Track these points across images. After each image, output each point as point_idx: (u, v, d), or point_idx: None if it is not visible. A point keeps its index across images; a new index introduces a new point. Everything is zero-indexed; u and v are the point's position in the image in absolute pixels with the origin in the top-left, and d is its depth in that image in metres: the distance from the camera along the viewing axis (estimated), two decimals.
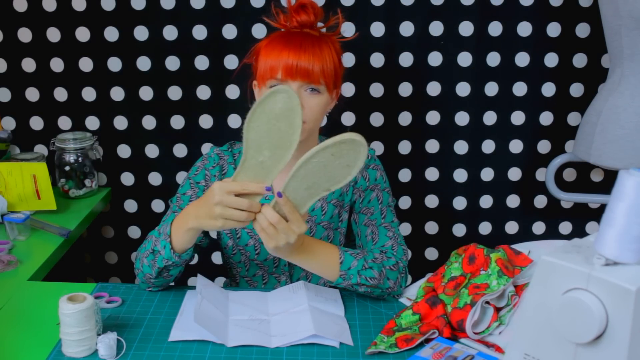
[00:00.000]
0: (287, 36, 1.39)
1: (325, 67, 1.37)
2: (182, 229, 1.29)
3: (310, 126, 1.40)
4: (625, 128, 1.80)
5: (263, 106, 1.18)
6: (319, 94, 1.39)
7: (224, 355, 1.20)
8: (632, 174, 0.88)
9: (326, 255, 1.34)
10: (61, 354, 1.18)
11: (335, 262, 1.34)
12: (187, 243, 1.31)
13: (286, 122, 1.19)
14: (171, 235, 1.31)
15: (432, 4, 1.95)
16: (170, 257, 1.31)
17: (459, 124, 2.06)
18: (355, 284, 1.34)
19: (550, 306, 0.92)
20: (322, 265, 1.34)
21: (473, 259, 1.33)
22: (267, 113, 1.18)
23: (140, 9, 1.96)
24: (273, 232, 1.22)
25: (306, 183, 1.20)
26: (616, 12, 1.75)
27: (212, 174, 1.49)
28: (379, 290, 1.37)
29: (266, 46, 1.39)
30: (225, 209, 1.20)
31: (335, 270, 1.34)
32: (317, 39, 1.39)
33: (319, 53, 1.37)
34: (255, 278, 1.55)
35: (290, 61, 1.35)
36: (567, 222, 2.17)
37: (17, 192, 1.80)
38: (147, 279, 1.38)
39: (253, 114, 1.19)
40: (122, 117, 2.05)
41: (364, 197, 1.49)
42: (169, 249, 1.31)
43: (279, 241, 1.23)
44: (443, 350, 1.18)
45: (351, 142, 1.16)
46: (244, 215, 1.21)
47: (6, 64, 2.01)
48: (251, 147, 1.21)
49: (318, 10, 1.43)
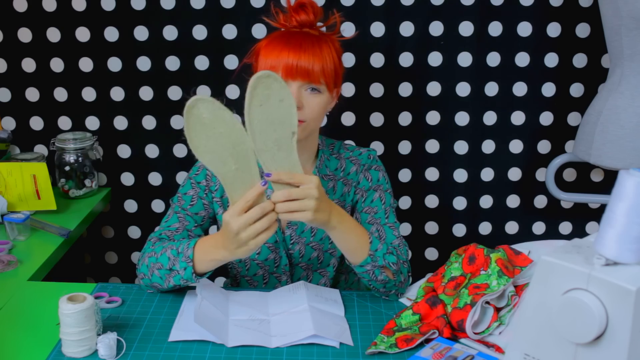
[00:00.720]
0: (287, 36, 1.39)
1: (325, 67, 1.37)
2: (209, 258, 1.28)
3: (310, 125, 1.40)
4: (626, 128, 1.80)
5: (195, 126, 1.16)
6: (320, 93, 1.38)
7: (224, 356, 1.20)
8: (632, 174, 0.88)
9: (359, 230, 1.34)
10: (61, 354, 1.18)
11: (366, 240, 1.34)
12: (210, 269, 1.30)
13: (221, 124, 1.17)
14: (194, 260, 1.29)
15: (432, 4, 1.95)
16: (190, 278, 1.30)
17: (459, 124, 2.06)
18: (381, 266, 1.34)
19: (550, 306, 0.92)
20: (357, 240, 1.33)
21: (473, 259, 1.33)
22: (202, 127, 1.16)
23: (141, 9, 1.95)
24: (296, 205, 1.20)
25: (269, 142, 1.18)
26: (616, 12, 1.75)
27: (212, 173, 1.49)
28: (393, 282, 1.37)
29: (266, 46, 1.39)
30: (247, 230, 1.18)
31: (366, 249, 1.34)
32: (317, 38, 1.39)
33: (319, 53, 1.37)
34: (256, 278, 1.55)
35: (291, 61, 1.34)
36: (567, 222, 2.17)
37: (17, 192, 1.80)
38: (155, 287, 1.38)
39: (192, 139, 1.16)
40: (122, 117, 2.05)
41: (366, 197, 1.49)
42: (190, 272, 1.29)
43: (308, 206, 1.20)
44: (443, 351, 1.18)
45: (261, 79, 1.16)
46: (265, 222, 1.19)
47: (6, 64, 2.01)
48: (216, 165, 1.19)
49: (317, 10, 1.43)
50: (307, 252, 1.51)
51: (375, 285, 1.37)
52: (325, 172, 1.51)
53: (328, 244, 1.52)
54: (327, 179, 1.51)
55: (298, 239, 1.51)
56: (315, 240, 1.51)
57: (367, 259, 1.33)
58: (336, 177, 1.52)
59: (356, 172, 1.51)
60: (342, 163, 1.52)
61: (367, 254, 1.33)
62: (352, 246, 1.34)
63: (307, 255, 1.52)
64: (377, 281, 1.35)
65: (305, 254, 1.52)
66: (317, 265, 1.53)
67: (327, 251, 1.53)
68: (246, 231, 1.18)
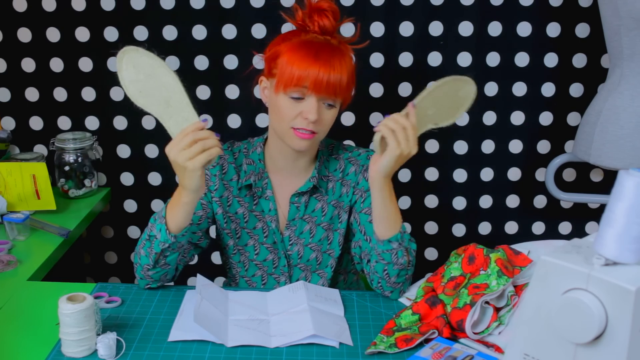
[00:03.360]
0: (314, 47, 1.37)
1: (349, 81, 1.39)
2: (174, 204, 1.32)
3: (320, 136, 1.43)
4: (625, 128, 1.80)
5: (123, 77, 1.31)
6: (334, 107, 1.40)
7: (224, 356, 1.20)
8: (632, 174, 0.88)
9: (396, 202, 1.37)
10: (61, 354, 1.18)
11: (400, 215, 1.37)
12: (182, 220, 1.33)
13: (148, 68, 1.30)
14: (166, 217, 1.33)
15: (432, 4, 1.95)
16: (166, 239, 1.33)
17: (458, 124, 2.06)
18: (405, 248, 1.36)
19: (549, 306, 0.92)
20: (394, 211, 1.35)
21: (473, 259, 1.33)
22: (138, 75, 1.30)
23: (140, 9, 1.95)
24: (403, 136, 1.27)
25: (432, 108, 1.33)
26: (615, 12, 1.75)
27: (212, 173, 1.49)
28: (405, 272, 1.38)
29: (291, 51, 1.36)
30: (182, 154, 1.24)
31: (399, 223, 1.36)
32: (340, 51, 1.38)
33: (345, 67, 1.37)
34: (255, 278, 1.55)
35: (321, 76, 1.34)
36: (566, 222, 2.17)
37: (17, 192, 1.80)
38: (145, 271, 1.38)
39: (127, 87, 1.30)
40: (122, 117, 2.05)
41: (365, 197, 1.48)
42: (164, 231, 1.32)
43: (403, 149, 1.27)
44: (443, 350, 1.18)
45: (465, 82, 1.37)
46: (198, 145, 1.24)
47: (6, 64, 2.01)
48: (153, 109, 1.30)
49: (337, 15, 1.42)
50: (306, 253, 1.52)
51: (391, 272, 1.36)
52: (325, 172, 1.51)
53: (326, 245, 1.52)
54: (326, 180, 1.51)
55: (297, 240, 1.51)
56: (314, 242, 1.51)
57: (397, 235, 1.34)
58: (335, 177, 1.52)
59: (355, 173, 1.51)
60: (341, 164, 1.52)
61: (398, 230, 1.35)
62: (391, 214, 1.35)
63: (305, 256, 1.52)
64: (396, 264, 1.35)
65: (304, 255, 1.52)
66: (316, 266, 1.53)
67: (325, 252, 1.53)
68: (182, 155, 1.24)
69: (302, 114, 1.37)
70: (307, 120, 1.37)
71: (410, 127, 1.28)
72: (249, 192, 1.51)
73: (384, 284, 1.39)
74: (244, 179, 1.49)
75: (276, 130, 1.44)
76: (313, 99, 1.36)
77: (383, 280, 1.38)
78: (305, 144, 1.40)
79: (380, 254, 1.36)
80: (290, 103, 1.37)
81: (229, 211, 1.51)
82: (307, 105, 1.36)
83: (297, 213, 1.50)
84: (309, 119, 1.36)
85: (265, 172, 1.50)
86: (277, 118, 1.41)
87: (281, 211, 1.51)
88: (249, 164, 1.51)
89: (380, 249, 1.35)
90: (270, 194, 1.50)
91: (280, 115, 1.39)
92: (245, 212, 1.51)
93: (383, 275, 1.37)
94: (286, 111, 1.38)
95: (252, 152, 1.52)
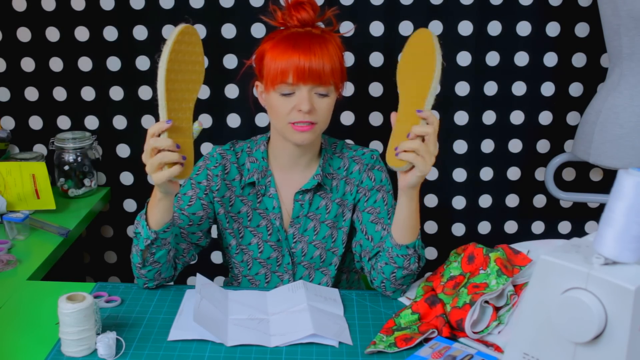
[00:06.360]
0: (293, 37, 1.38)
1: (334, 67, 1.38)
2: (152, 200, 1.33)
3: (321, 127, 1.42)
4: (625, 127, 1.80)
5: None
6: (328, 96, 1.40)
7: (223, 355, 1.20)
8: (631, 173, 0.88)
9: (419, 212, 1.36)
10: (60, 354, 1.19)
11: (419, 223, 1.37)
12: (160, 217, 1.33)
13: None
14: (147, 213, 1.34)
15: (431, 3, 1.95)
16: (148, 235, 1.33)
17: (458, 124, 2.06)
18: (418, 255, 1.36)
19: (549, 305, 0.92)
20: (417, 218, 1.35)
21: (472, 259, 1.33)
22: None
23: (140, 8, 1.95)
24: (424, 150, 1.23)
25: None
26: (615, 11, 1.75)
27: (214, 173, 1.49)
28: (411, 276, 1.39)
29: (273, 48, 1.38)
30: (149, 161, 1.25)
31: (418, 231, 1.36)
32: (322, 38, 1.39)
33: (327, 53, 1.37)
34: (258, 277, 1.55)
35: (302, 63, 1.34)
36: (566, 221, 2.17)
37: (17, 191, 1.80)
38: (138, 269, 1.39)
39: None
40: (121, 116, 2.05)
41: (369, 196, 1.49)
42: (145, 227, 1.33)
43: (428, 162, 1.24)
44: (442, 350, 1.18)
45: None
46: (158, 156, 1.24)
47: (5, 64, 2.01)
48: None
49: (316, 6, 1.43)
50: (310, 250, 1.52)
51: (399, 275, 1.37)
52: (329, 170, 1.51)
53: (330, 243, 1.52)
54: (330, 178, 1.51)
55: (301, 238, 1.51)
56: (318, 239, 1.51)
57: (415, 241, 1.35)
58: (339, 175, 1.52)
59: (359, 172, 1.51)
60: (345, 162, 1.53)
61: (417, 237, 1.35)
62: (415, 223, 1.35)
63: (309, 253, 1.52)
64: (407, 269, 1.36)
65: (308, 253, 1.52)
66: (320, 263, 1.53)
67: (329, 250, 1.53)
68: (147, 163, 1.25)
69: (295, 107, 1.38)
70: (301, 112, 1.37)
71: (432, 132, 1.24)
72: (252, 190, 1.51)
73: (387, 285, 1.39)
74: (247, 176, 1.50)
75: (276, 128, 1.44)
76: (303, 91, 1.36)
77: (388, 282, 1.39)
78: (306, 137, 1.40)
79: (393, 257, 1.36)
80: (282, 100, 1.38)
81: (232, 211, 1.51)
82: (299, 97, 1.37)
83: (302, 210, 1.50)
84: (303, 110, 1.36)
85: (268, 170, 1.50)
86: (275, 116, 1.41)
87: (285, 209, 1.52)
88: (252, 162, 1.51)
89: (395, 253, 1.35)
90: (274, 191, 1.50)
91: (276, 114, 1.40)
92: (249, 210, 1.51)
93: (389, 277, 1.38)
94: (280, 108, 1.38)
95: (255, 151, 1.52)
